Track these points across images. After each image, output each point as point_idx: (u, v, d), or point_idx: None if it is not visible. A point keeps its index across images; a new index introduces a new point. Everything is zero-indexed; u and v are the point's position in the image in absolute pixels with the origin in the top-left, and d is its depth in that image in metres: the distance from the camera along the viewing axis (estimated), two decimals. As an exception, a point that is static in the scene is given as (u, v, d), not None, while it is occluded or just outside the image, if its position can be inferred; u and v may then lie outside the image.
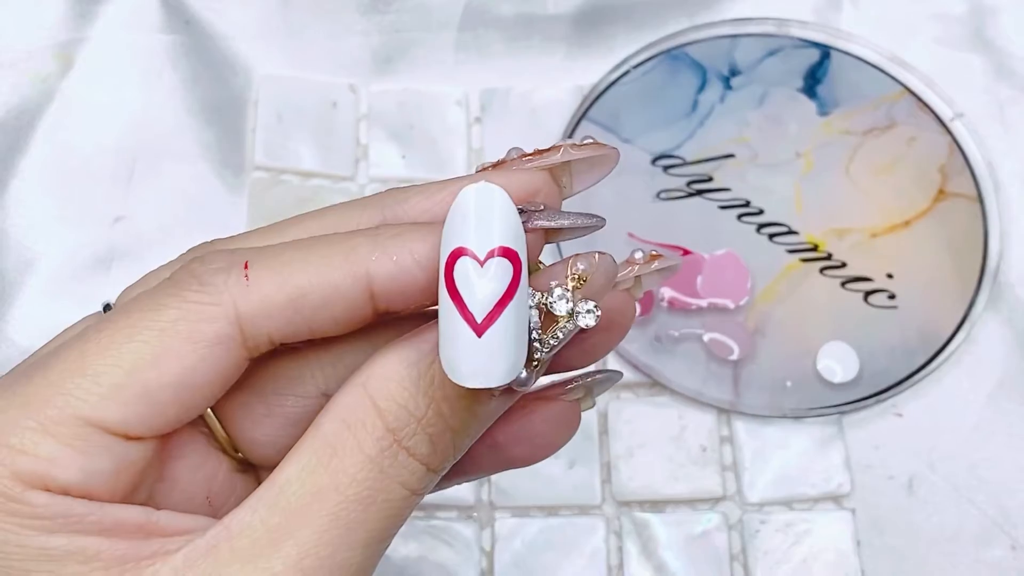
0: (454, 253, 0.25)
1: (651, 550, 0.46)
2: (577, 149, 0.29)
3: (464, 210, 0.26)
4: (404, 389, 0.27)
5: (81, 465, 0.25)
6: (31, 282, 0.49)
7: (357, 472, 0.26)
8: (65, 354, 0.26)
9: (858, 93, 0.53)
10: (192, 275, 0.27)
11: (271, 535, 0.26)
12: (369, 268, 0.27)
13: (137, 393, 0.25)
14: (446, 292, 0.25)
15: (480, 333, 0.25)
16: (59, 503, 0.25)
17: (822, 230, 0.51)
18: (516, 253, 0.26)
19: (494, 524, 0.47)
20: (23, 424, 0.25)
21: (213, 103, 0.53)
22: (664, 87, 0.53)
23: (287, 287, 0.26)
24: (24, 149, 0.51)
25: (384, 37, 0.55)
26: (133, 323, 0.26)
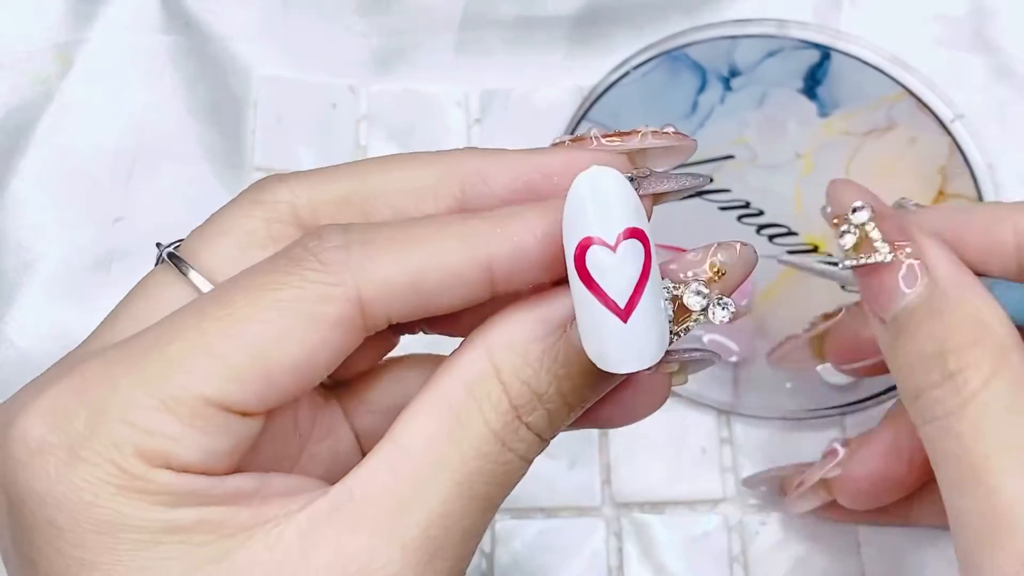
0: (582, 243, 0.25)
1: (651, 552, 0.46)
2: (658, 136, 0.29)
3: (582, 197, 0.25)
4: (529, 366, 0.27)
5: (203, 445, 0.25)
6: (30, 282, 0.49)
7: (482, 445, 0.27)
8: (181, 329, 0.26)
9: (858, 94, 0.53)
10: (309, 251, 0.26)
11: (397, 503, 0.26)
12: (489, 251, 0.27)
13: (259, 374, 0.25)
14: (581, 284, 0.25)
15: (626, 319, 0.25)
16: (182, 480, 0.25)
17: (823, 231, 0.51)
18: (642, 231, 0.26)
19: (494, 525, 0.47)
20: (145, 402, 0.25)
21: (213, 104, 0.53)
22: (664, 88, 0.53)
23: (408, 269, 0.26)
24: (23, 150, 0.51)
25: (384, 38, 0.55)
26: (253, 301, 0.26)
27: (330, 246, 0.26)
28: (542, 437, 0.28)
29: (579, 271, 0.25)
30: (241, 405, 0.26)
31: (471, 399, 0.27)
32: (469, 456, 0.27)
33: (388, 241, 0.27)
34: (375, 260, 0.26)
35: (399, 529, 0.26)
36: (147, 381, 0.25)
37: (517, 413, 0.27)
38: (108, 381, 0.25)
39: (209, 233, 0.29)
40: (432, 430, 0.27)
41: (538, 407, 0.27)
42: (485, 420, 0.27)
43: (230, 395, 0.25)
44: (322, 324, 0.26)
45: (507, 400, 0.27)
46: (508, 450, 0.27)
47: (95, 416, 0.25)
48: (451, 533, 0.27)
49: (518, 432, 0.27)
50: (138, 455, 0.25)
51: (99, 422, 0.25)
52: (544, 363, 0.27)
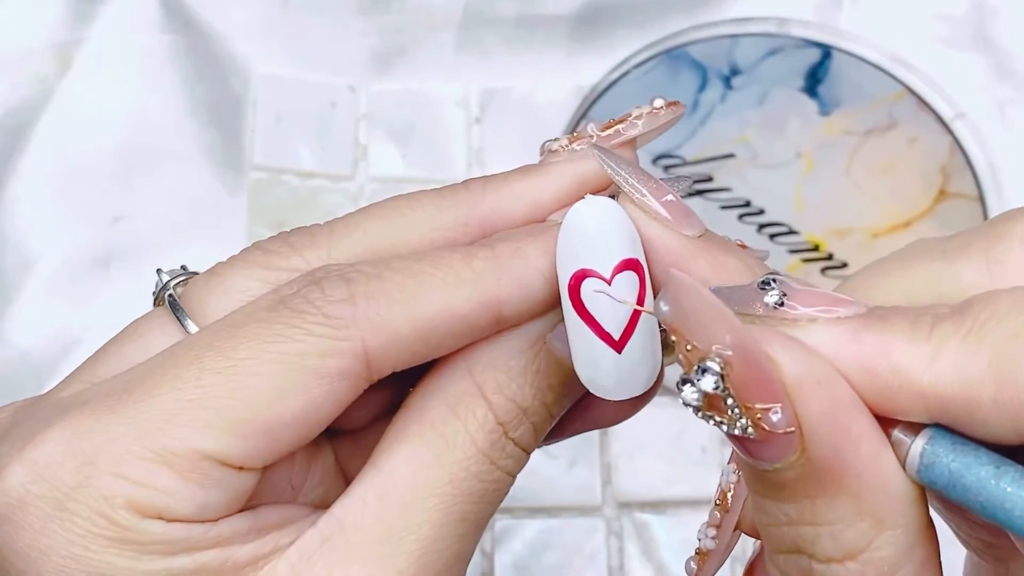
0: (577, 275, 0.25)
1: (651, 551, 0.46)
2: (654, 117, 0.28)
3: (580, 230, 0.25)
4: (512, 381, 0.27)
5: (198, 499, 0.25)
6: (30, 282, 0.49)
7: (471, 465, 0.26)
8: (178, 380, 0.25)
9: (859, 93, 0.53)
10: (313, 305, 0.25)
11: (387, 531, 0.26)
12: (499, 295, 0.26)
13: (259, 429, 0.25)
14: (575, 314, 0.25)
15: (620, 349, 0.25)
16: (175, 529, 0.24)
17: (823, 230, 0.51)
18: (638, 262, 0.25)
19: (494, 525, 0.47)
20: (139, 454, 0.24)
21: (212, 103, 0.53)
22: (664, 87, 0.53)
23: (417, 322, 0.26)
24: (23, 149, 0.51)
25: (384, 37, 0.55)
26: (255, 354, 0.25)
27: (334, 299, 0.25)
28: (527, 451, 0.28)
29: (574, 302, 0.25)
30: (239, 460, 0.25)
31: (456, 419, 0.26)
32: (458, 478, 0.26)
33: (395, 292, 0.26)
34: (382, 314, 0.25)
35: (392, 557, 0.25)
36: (142, 433, 0.24)
37: (504, 429, 0.27)
38: (99, 431, 0.25)
39: (216, 290, 0.28)
40: (419, 454, 0.26)
41: (524, 421, 0.27)
42: (472, 439, 0.26)
43: (228, 449, 0.25)
44: (325, 379, 0.25)
45: (493, 417, 0.27)
46: (496, 468, 0.27)
47: (85, 467, 0.24)
48: (444, 557, 0.26)
49: (505, 448, 0.27)
50: (129, 507, 0.24)
51: (89, 474, 0.24)
52: (527, 376, 0.27)
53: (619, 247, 0.25)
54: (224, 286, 0.28)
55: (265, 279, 0.27)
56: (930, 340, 0.21)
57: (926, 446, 0.22)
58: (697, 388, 0.22)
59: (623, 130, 0.28)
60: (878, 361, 0.22)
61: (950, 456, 0.22)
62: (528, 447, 0.27)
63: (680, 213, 0.26)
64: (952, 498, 0.22)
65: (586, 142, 0.29)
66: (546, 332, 0.27)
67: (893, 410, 0.22)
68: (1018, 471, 0.21)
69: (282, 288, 0.26)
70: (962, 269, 0.23)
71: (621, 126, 0.28)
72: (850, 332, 0.22)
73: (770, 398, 0.22)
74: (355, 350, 0.25)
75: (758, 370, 0.21)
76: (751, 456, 0.22)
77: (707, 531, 0.29)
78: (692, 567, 0.29)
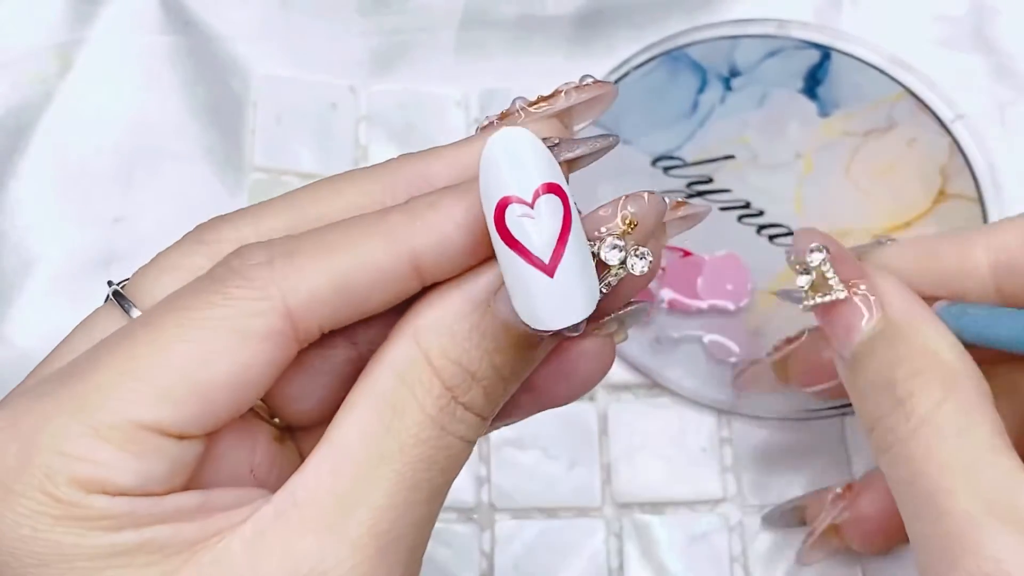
0: (500, 203, 0.25)
1: (651, 552, 0.46)
2: (580, 91, 0.29)
3: (496, 159, 0.25)
4: (457, 344, 0.27)
5: (138, 469, 0.25)
6: (30, 283, 0.49)
7: (420, 432, 0.26)
8: (111, 356, 0.26)
9: (858, 94, 0.53)
10: (233, 270, 0.26)
11: (341, 501, 0.26)
12: (413, 244, 0.26)
13: (190, 394, 0.25)
14: (503, 244, 0.25)
15: (552, 273, 0.25)
16: (119, 503, 0.25)
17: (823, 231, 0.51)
18: (559, 186, 0.25)
19: (494, 526, 0.47)
20: (77, 430, 0.25)
21: (212, 104, 0.53)
22: (664, 88, 0.53)
23: (333, 276, 0.26)
24: (23, 150, 0.51)
25: (384, 38, 0.55)
26: (180, 322, 0.26)
27: (253, 263, 0.26)
28: (482, 416, 0.28)
29: (500, 232, 0.25)
30: (176, 427, 0.25)
31: (403, 386, 0.27)
32: (408, 445, 0.26)
33: (310, 249, 0.26)
34: (299, 270, 0.26)
35: (346, 527, 0.26)
36: (77, 410, 0.25)
37: (453, 395, 0.27)
38: (38, 413, 0.25)
39: (153, 272, 0.29)
40: (368, 424, 0.26)
41: (473, 385, 0.27)
42: (420, 406, 0.27)
43: (163, 417, 0.25)
44: (252, 339, 0.26)
45: (440, 383, 0.27)
46: (448, 434, 0.27)
47: (25, 449, 0.25)
48: (399, 525, 0.26)
49: (456, 414, 0.27)
50: (72, 483, 0.24)
51: (30, 454, 0.25)
52: (473, 339, 0.27)
53: (536, 171, 0.25)
54: (161, 268, 0.29)
55: (198, 252, 0.28)
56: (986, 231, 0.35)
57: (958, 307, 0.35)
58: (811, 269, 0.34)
59: (551, 104, 0.29)
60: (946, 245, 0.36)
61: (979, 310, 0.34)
62: (481, 411, 0.27)
63: None
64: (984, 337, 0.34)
65: (515, 118, 0.29)
66: (488, 294, 0.27)
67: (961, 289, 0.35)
68: None
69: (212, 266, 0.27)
70: None
71: (548, 102, 0.29)
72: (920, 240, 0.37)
73: (858, 275, 0.34)
74: (277, 308, 0.26)
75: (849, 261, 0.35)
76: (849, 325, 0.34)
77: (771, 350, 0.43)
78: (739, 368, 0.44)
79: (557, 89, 0.29)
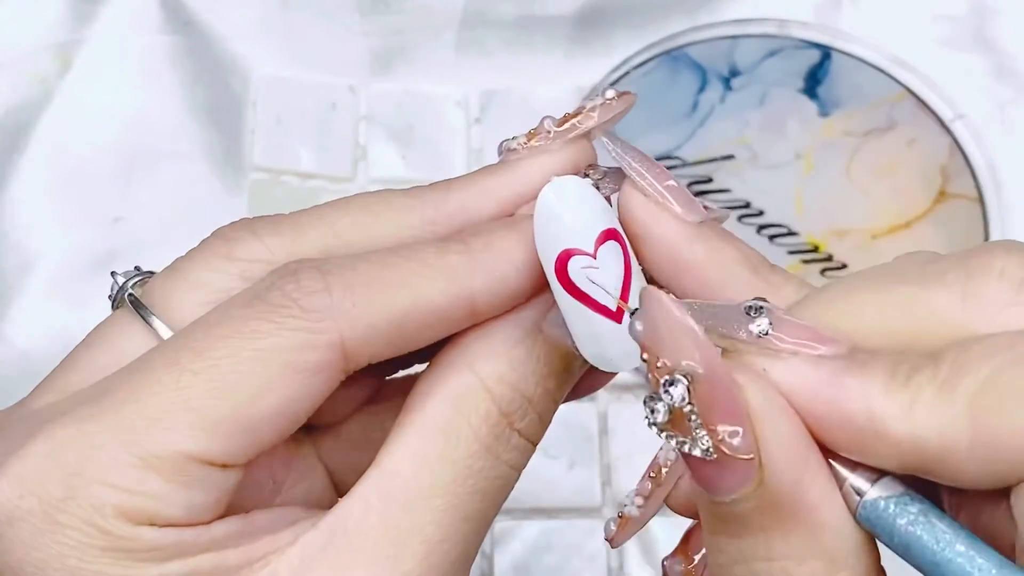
0: (561, 256, 0.25)
1: (651, 552, 0.46)
2: (606, 109, 0.28)
3: (553, 211, 0.25)
4: (514, 370, 0.26)
5: (186, 500, 0.25)
6: (30, 283, 0.49)
7: (474, 462, 0.26)
8: (157, 383, 0.25)
9: (859, 94, 0.53)
10: (288, 297, 0.25)
11: (391, 531, 0.25)
12: (472, 287, 0.26)
13: (240, 427, 0.25)
14: (568, 296, 0.25)
15: (620, 319, 0.25)
16: (167, 535, 0.24)
17: (823, 231, 0.51)
18: (616, 231, 0.25)
19: (494, 526, 0.47)
20: (125, 461, 0.24)
21: (212, 104, 0.53)
22: (664, 88, 0.53)
23: (393, 314, 0.26)
24: (23, 149, 0.51)
25: (384, 38, 0.55)
26: (232, 352, 0.25)
27: (310, 291, 0.25)
28: (532, 442, 0.27)
29: (564, 284, 0.25)
30: (222, 458, 0.25)
31: (458, 415, 0.26)
32: (463, 476, 0.26)
33: (370, 283, 0.26)
34: (358, 306, 0.25)
35: (398, 559, 0.25)
36: (125, 439, 0.24)
37: (509, 421, 0.27)
38: (83, 440, 0.25)
39: (177, 284, 0.28)
40: (421, 452, 0.26)
41: (529, 411, 0.27)
42: (476, 434, 0.26)
43: (212, 449, 0.25)
44: (303, 372, 0.25)
45: (496, 409, 0.26)
46: (501, 462, 0.27)
47: (71, 478, 0.24)
48: (450, 557, 0.26)
49: (510, 441, 0.27)
50: (120, 515, 0.24)
51: (76, 484, 0.24)
52: (528, 365, 0.27)
53: (595, 220, 0.25)
54: (188, 280, 0.27)
55: (228, 271, 0.27)
56: (907, 389, 0.22)
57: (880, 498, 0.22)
58: (664, 403, 0.22)
59: (579, 123, 0.28)
60: (855, 406, 0.22)
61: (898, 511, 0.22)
62: (533, 437, 0.27)
63: (682, 198, 0.26)
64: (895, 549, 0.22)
65: (544, 138, 0.29)
66: (539, 319, 0.27)
67: (865, 455, 0.22)
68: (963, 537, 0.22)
69: (257, 284, 0.26)
70: (937, 298, 0.23)
71: (577, 119, 0.29)
72: (830, 374, 0.22)
73: (734, 420, 0.22)
74: (332, 342, 0.25)
75: (724, 390, 0.22)
76: (710, 484, 0.22)
77: (635, 499, 0.29)
78: (611, 528, 0.29)
79: (581, 106, 0.29)
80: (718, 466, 0.22)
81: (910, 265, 0.24)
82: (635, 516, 0.29)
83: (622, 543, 0.30)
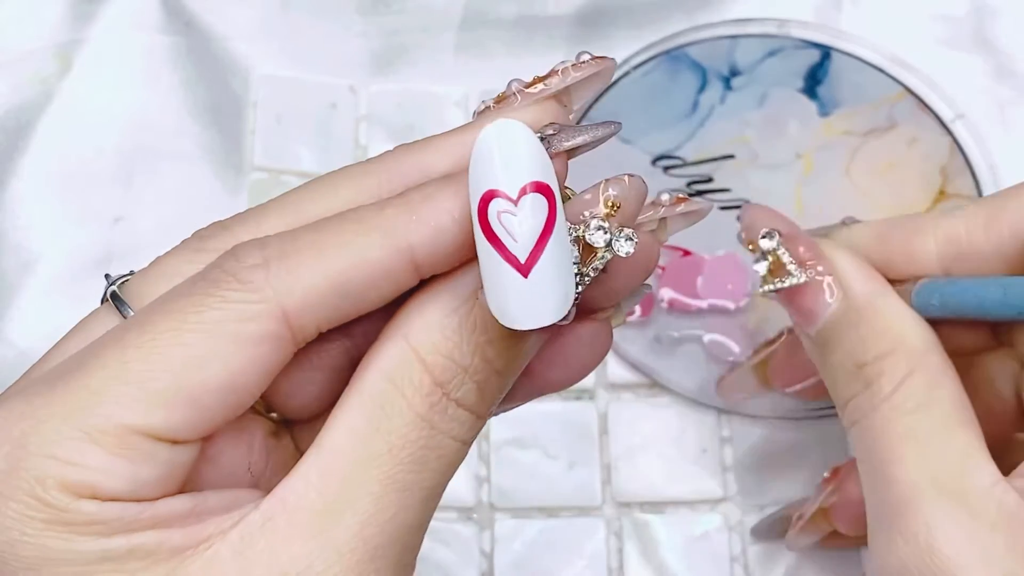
0: (485, 196, 0.25)
1: (651, 551, 0.46)
2: (578, 69, 0.28)
3: (487, 151, 0.25)
4: (447, 339, 0.26)
5: (129, 474, 0.25)
6: (30, 283, 0.49)
7: (409, 432, 0.26)
8: (103, 359, 0.25)
9: (859, 94, 0.53)
10: (228, 272, 0.26)
11: (327, 506, 0.25)
12: (410, 239, 0.26)
13: (184, 399, 0.25)
14: (484, 237, 0.25)
15: (526, 273, 0.25)
16: (109, 508, 0.25)
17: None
18: (548, 186, 0.25)
19: (494, 525, 0.47)
20: (68, 434, 0.24)
21: (212, 104, 0.53)
22: (664, 88, 0.53)
23: (330, 275, 0.26)
24: (23, 149, 0.51)
25: (384, 38, 0.55)
26: (175, 325, 0.25)
27: (247, 264, 0.26)
28: (476, 413, 0.27)
29: (482, 225, 0.25)
30: (168, 432, 0.25)
31: (392, 386, 0.26)
32: (397, 447, 0.26)
33: (305, 248, 0.26)
34: (295, 272, 0.26)
35: (333, 532, 0.25)
36: (69, 413, 0.25)
37: (444, 391, 0.26)
38: (28, 415, 0.25)
39: (152, 277, 0.28)
40: (356, 426, 0.26)
41: (465, 380, 0.27)
42: (409, 404, 0.26)
43: (155, 422, 0.25)
44: (246, 343, 0.25)
45: (430, 379, 0.26)
46: (438, 432, 0.26)
47: (15, 451, 0.24)
48: (389, 529, 0.26)
49: (447, 411, 0.26)
50: (62, 488, 0.24)
51: (20, 457, 0.24)
52: (463, 334, 0.26)
53: (526, 167, 0.25)
54: (161, 273, 0.28)
55: (199, 261, 0.27)
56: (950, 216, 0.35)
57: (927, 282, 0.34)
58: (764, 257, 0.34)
59: (547, 84, 0.28)
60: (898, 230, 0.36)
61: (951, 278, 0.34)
62: (475, 407, 0.27)
63: None
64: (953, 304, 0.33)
65: (511, 101, 0.29)
66: (476, 286, 0.26)
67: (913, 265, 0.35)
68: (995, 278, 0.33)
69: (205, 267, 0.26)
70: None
71: (545, 81, 0.29)
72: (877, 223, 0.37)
73: (814, 256, 0.34)
74: (273, 312, 0.25)
75: (803, 238, 0.35)
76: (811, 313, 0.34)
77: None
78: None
79: (553, 68, 0.29)
80: (811, 290, 0.34)
81: None
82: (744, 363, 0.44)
83: None
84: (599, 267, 0.26)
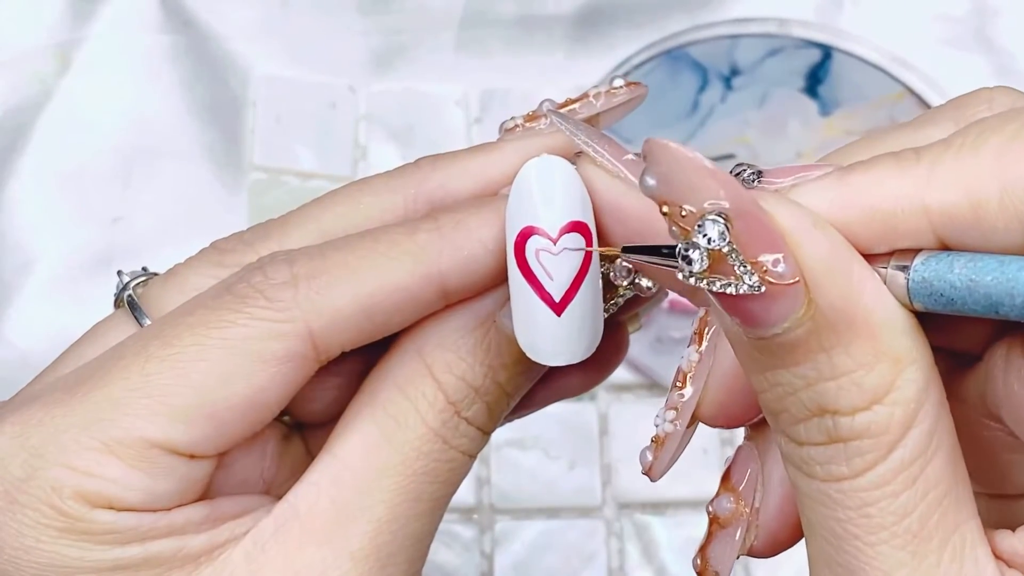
0: (524, 232, 0.25)
1: (652, 552, 0.46)
2: (610, 96, 0.28)
3: (528, 187, 0.25)
4: (462, 360, 0.26)
5: (146, 486, 0.25)
6: (30, 283, 0.49)
7: (422, 445, 0.26)
8: (125, 370, 0.25)
9: (860, 93, 0.53)
10: (255, 289, 0.25)
11: (341, 513, 0.26)
12: (440, 266, 0.26)
13: (205, 415, 0.25)
14: (519, 273, 0.25)
15: (560, 312, 0.25)
16: (125, 519, 0.25)
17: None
18: (586, 225, 0.25)
19: (494, 527, 0.47)
20: (86, 444, 0.24)
21: (212, 103, 0.53)
22: (665, 87, 0.53)
23: (359, 298, 0.26)
24: (22, 149, 0.51)
25: (384, 37, 0.55)
26: (199, 340, 0.25)
27: (276, 282, 0.25)
28: (483, 431, 0.27)
29: (518, 260, 0.25)
30: (188, 447, 0.25)
31: (406, 400, 0.26)
32: (411, 458, 0.26)
33: (335, 269, 0.26)
34: (323, 292, 0.25)
35: (346, 538, 0.26)
36: (89, 423, 0.25)
37: (455, 409, 0.27)
38: (47, 423, 0.25)
39: (170, 288, 0.28)
40: (370, 436, 0.26)
41: (476, 400, 0.27)
42: (423, 419, 0.26)
43: (175, 437, 0.25)
44: (270, 361, 0.25)
45: (443, 397, 0.26)
46: (450, 447, 0.27)
47: (32, 460, 0.24)
48: (400, 537, 0.26)
49: (458, 428, 0.27)
50: (78, 497, 0.24)
51: (37, 466, 0.24)
52: (477, 355, 0.26)
53: (567, 207, 0.25)
54: (180, 284, 0.28)
55: (219, 276, 0.27)
56: (920, 163, 0.21)
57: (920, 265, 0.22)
58: (701, 248, 0.21)
59: (579, 109, 0.28)
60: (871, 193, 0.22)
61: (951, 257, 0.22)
62: (483, 426, 0.27)
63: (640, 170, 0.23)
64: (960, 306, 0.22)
65: (542, 121, 0.28)
66: (496, 310, 0.27)
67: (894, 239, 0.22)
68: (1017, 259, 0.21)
69: (229, 278, 0.26)
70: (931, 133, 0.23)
71: (577, 104, 0.28)
72: (835, 180, 0.22)
73: (773, 247, 0.21)
74: (299, 331, 0.25)
75: (756, 220, 0.21)
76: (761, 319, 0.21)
77: (665, 414, 0.27)
78: (647, 457, 0.28)
79: (586, 92, 0.29)
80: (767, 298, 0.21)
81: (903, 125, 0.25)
82: (671, 432, 0.28)
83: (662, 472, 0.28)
84: (619, 304, 0.27)
